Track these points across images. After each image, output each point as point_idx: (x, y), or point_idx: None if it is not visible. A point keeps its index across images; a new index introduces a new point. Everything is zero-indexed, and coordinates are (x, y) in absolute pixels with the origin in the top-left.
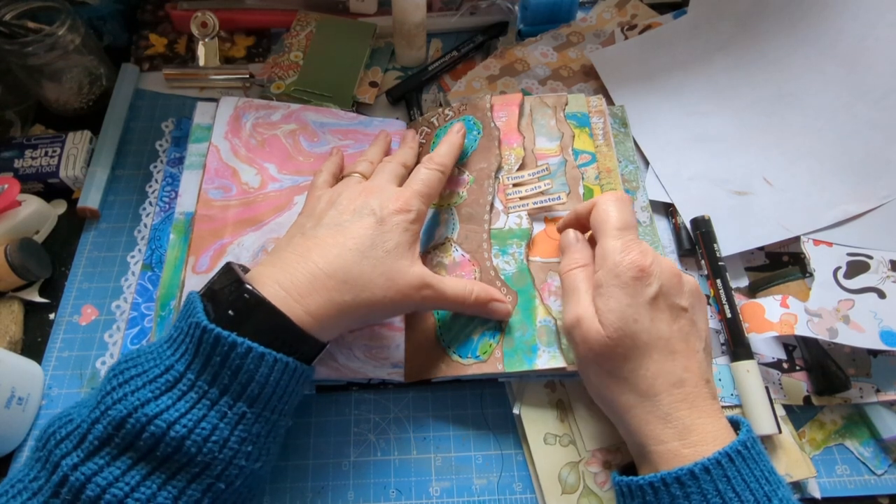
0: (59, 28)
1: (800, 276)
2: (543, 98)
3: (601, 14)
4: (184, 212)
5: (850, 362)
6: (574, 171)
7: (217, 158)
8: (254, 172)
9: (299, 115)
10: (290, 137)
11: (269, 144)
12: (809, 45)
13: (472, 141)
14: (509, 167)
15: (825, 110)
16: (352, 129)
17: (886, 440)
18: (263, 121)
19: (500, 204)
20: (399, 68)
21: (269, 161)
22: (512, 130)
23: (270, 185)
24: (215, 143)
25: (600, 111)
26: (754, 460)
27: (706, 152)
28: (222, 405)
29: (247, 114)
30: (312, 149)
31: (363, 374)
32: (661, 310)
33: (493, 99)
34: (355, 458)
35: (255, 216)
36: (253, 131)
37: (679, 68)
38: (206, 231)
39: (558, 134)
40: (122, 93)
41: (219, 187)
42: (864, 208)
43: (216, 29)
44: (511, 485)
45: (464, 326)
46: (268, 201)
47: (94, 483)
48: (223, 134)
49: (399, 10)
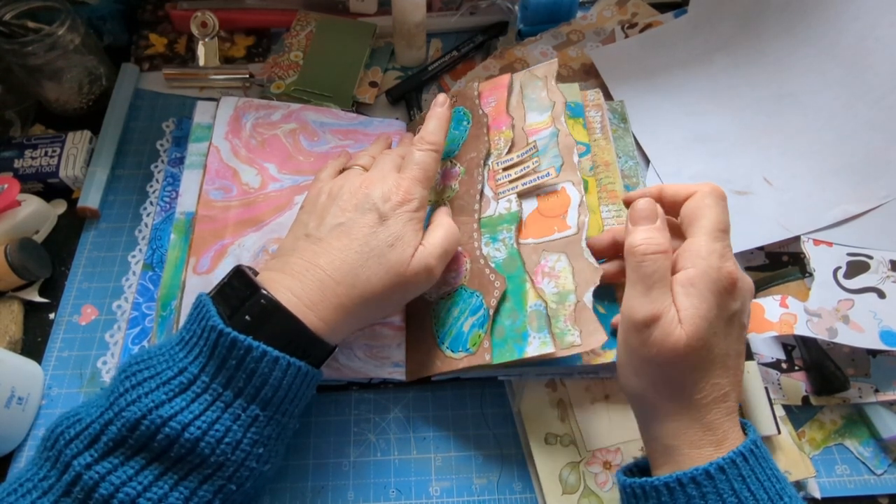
0: (59, 28)
1: (799, 275)
2: (533, 70)
3: (602, 12)
4: (184, 211)
5: (849, 362)
6: (567, 139)
7: (218, 159)
8: (254, 173)
9: (299, 115)
10: (290, 137)
11: (269, 144)
12: (810, 45)
13: (462, 132)
14: (499, 152)
15: (825, 110)
16: (352, 129)
17: (886, 440)
18: (263, 121)
19: (490, 191)
20: (399, 68)
21: (269, 161)
22: (500, 114)
23: (271, 185)
24: (216, 144)
25: (598, 105)
26: (764, 458)
27: (706, 152)
28: (236, 408)
29: (247, 114)
30: (312, 148)
31: (364, 373)
32: (735, 326)
33: (481, 86)
34: (355, 458)
35: (256, 216)
36: (253, 131)
37: (679, 67)
38: (206, 232)
39: (549, 104)
40: (122, 92)
41: (219, 188)
42: (864, 208)
43: (216, 29)
44: (511, 484)
45: (455, 320)
46: (268, 201)
47: (107, 482)
48: (223, 134)
49: (399, 10)
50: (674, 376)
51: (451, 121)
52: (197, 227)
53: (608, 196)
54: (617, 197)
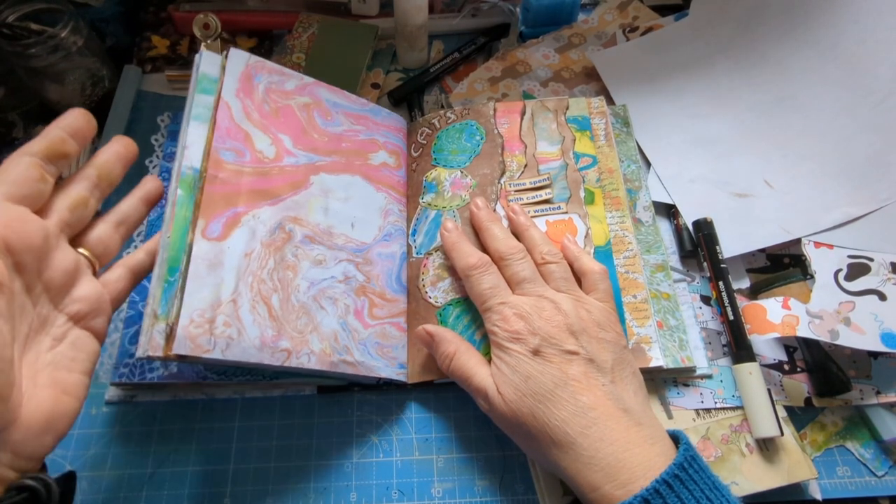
0: (62, 30)
1: (801, 277)
2: (545, 102)
3: (603, 16)
4: (191, 166)
5: (850, 364)
6: (575, 174)
7: (229, 117)
8: (268, 141)
9: (314, 90)
10: (304, 111)
11: (282, 114)
12: (810, 47)
13: (475, 145)
14: (511, 174)
15: (825, 113)
16: (363, 115)
17: (887, 442)
18: (277, 87)
19: (502, 210)
20: (401, 70)
21: (283, 132)
22: (514, 138)
23: (286, 158)
24: (226, 99)
25: (602, 112)
26: (693, 481)
27: (707, 154)
28: None
29: (259, 74)
30: (327, 127)
31: (375, 372)
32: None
33: (497, 105)
34: (358, 460)
35: (272, 189)
36: (266, 96)
37: (680, 70)
38: (217, 195)
39: (559, 137)
40: (124, 94)
41: (231, 149)
42: (865, 211)
43: (218, 30)
44: (513, 486)
45: (466, 328)
46: (284, 176)
47: None
48: (234, 91)
49: (401, 12)
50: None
51: (463, 133)
52: (206, 186)
53: (612, 203)
54: (621, 203)
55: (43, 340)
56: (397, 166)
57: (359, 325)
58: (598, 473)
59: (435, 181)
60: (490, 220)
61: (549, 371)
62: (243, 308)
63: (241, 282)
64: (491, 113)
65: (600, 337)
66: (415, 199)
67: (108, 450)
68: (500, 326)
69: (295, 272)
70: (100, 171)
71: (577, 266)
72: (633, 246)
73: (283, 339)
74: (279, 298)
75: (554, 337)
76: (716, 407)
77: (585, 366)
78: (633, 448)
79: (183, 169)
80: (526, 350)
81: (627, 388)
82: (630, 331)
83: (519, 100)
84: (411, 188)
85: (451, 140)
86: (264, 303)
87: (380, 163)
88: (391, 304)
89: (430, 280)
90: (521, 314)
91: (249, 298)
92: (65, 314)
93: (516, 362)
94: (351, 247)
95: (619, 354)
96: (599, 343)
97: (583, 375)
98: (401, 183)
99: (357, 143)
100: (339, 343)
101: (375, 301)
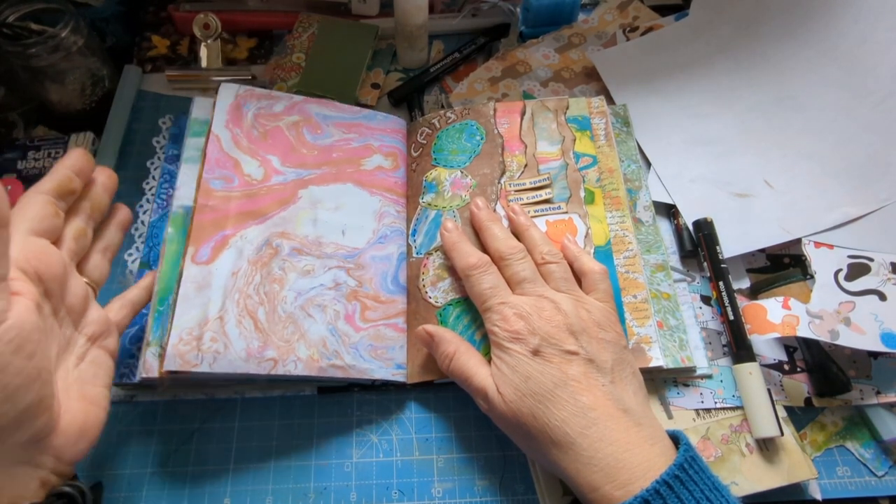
0: (63, 30)
1: (801, 277)
2: (545, 102)
3: (603, 16)
4: (182, 205)
5: (850, 364)
6: (575, 174)
7: (218, 148)
8: (257, 164)
9: (303, 107)
10: (293, 129)
11: (271, 136)
12: (810, 47)
13: (475, 145)
14: (511, 174)
15: (825, 113)
16: (356, 122)
17: (887, 442)
18: (266, 111)
19: (502, 210)
20: (401, 70)
21: (271, 153)
22: (514, 138)
23: (274, 177)
24: (216, 132)
25: (602, 111)
26: (693, 481)
27: (708, 154)
28: None
29: (248, 103)
30: (316, 141)
31: (368, 374)
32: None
33: (497, 105)
34: (358, 460)
35: (259, 209)
36: (255, 122)
37: (680, 70)
38: (207, 221)
39: (559, 137)
40: (124, 94)
41: (220, 177)
42: (865, 211)
43: (218, 30)
44: (513, 486)
45: (466, 328)
46: (272, 194)
47: None
48: (224, 123)
49: (401, 12)
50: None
51: (463, 133)
52: (196, 216)
53: (612, 203)
54: (621, 203)
55: (69, 359)
56: (394, 168)
57: (349, 329)
58: (598, 474)
59: (435, 181)
60: (490, 220)
61: (549, 371)
62: (229, 323)
63: (227, 299)
64: (491, 113)
65: (600, 337)
66: (415, 199)
67: (109, 450)
68: (500, 326)
69: (282, 285)
70: (92, 204)
71: (578, 266)
72: (634, 246)
73: (268, 349)
74: (265, 311)
75: (554, 337)
76: (716, 407)
77: (585, 366)
78: (633, 448)
79: (174, 209)
80: (526, 350)
81: (627, 388)
82: (630, 331)
83: (519, 100)
84: (411, 188)
85: (451, 140)
86: (250, 316)
87: (374, 167)
88: (386, 306)
89: (430, 280)
90: (521, 314)
91: (236, 314)
92: (84, 335)
93: (516, 362)
94: (342, 253)
95: (619, 354)
96: (599, 343)
97: (583, 375)
98: (398, 184)
99: (348, 152)
100: (327, 348)
101: (368, 304)
